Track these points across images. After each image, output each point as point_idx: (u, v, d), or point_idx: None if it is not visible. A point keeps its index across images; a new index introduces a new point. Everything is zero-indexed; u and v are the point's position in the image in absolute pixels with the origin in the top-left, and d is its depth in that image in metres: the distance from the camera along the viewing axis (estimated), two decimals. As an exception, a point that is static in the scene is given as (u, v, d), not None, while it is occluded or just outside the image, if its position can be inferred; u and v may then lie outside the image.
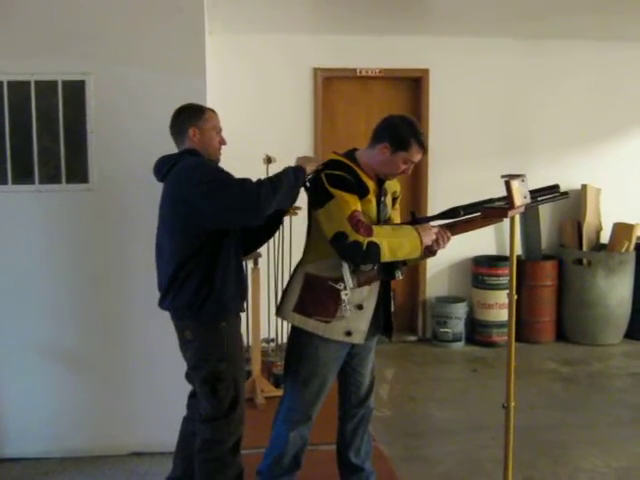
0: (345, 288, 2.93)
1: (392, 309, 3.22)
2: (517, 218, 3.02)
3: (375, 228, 2.86)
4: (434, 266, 6.54)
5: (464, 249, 6.44)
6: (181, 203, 2.90)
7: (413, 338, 6.62)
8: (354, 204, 2.88)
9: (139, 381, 3.99)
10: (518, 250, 6.32)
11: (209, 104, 3.87)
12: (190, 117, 3.07)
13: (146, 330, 3.91)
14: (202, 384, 3.04)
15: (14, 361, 3.96)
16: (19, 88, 3.81)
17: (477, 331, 6.47)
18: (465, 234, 3.07)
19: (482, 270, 6.39)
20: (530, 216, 6.45)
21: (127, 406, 4.03)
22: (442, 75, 6.34)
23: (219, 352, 3.02)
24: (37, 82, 3.81)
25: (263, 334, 5.36)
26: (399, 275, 3.05)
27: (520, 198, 2.86)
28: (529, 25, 5.93)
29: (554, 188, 3.13)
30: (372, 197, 3.01)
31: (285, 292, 3.14)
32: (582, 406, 4.96)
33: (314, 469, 3.70)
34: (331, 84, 6.30)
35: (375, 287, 3.07)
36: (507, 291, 3.03)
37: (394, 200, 3.25)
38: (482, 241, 6.48)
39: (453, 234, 3.02)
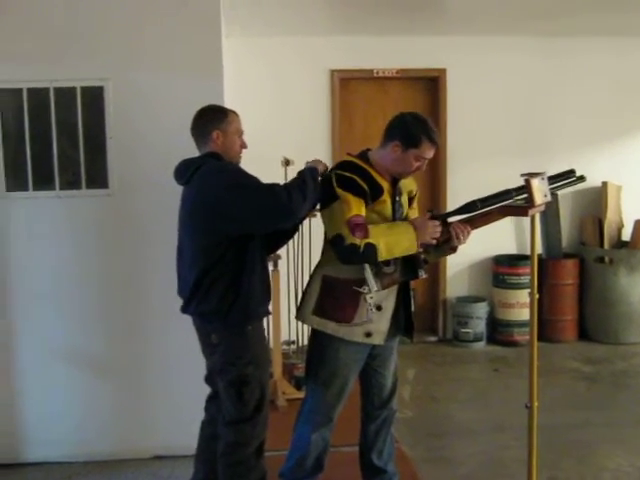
0: (370, 291, 2.91)
1: (412, 309, 3.21)
2: (537, 216, 3.00)
3: (371, 228, 2.86)
4: (454, 266, 6.51)
5: (484, 248, 6.41)
6: (207, 207, 2.87)
7: (434, 338, 6.59)
8: (357, 208, 2.87)
9: (161, 384, 4.01)
10: (539, 249, 6.27)
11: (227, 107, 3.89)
12: (213, 119, 3.06)
13: (167, 334, 3.92)
14: (228, 387, 3.03)
15: (37, 366, 3.99)
16: (38, 95, 3.84)
17: (498, 331, 6.43)
18: (485, 233, 3.05)
19: (503, 269, 6.36)
20: (550, 214, 6.40)
21: (149, 409, 4.05)
22: (459, 75, 6.31)
23: (246, 356, 3.01)
24: (56, 89, 3.84)
25: (284, 336, 5.36)
26: (422, 274, 3.02)
27: (540, 196, 2.84)
28: (546, 23, 5.88)
29: (570, 173, 3.08)
30: (387, 197, 3.00)
31: (304, 295, 3.14)
32: (606, 405, 4.92)
33: (336, 471, 3.69)
34: (348, 85, 6.29)
35: (394, 287, 3.06)
36: (528, 290, 3.01)
37: (411, 199, 3.23)
38: (502, 240, 6.46)
39: (473, 228, 3.00)
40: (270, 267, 4.85)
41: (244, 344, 3.00)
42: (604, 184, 6.46)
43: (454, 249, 3.05)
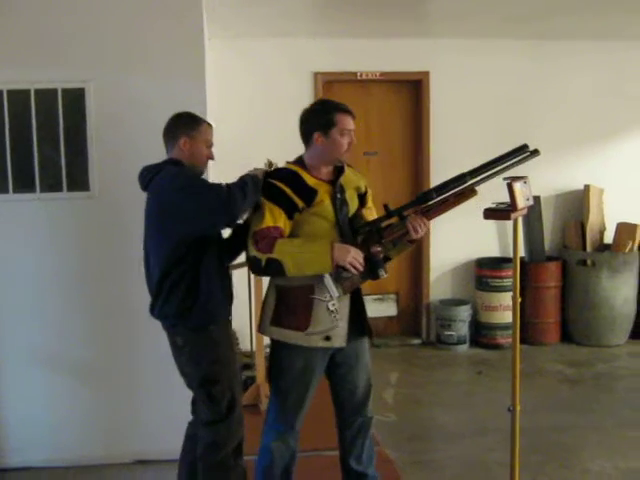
0: (332, 298, 2.90)
1: (365, 310, 3.15)
2: (520, 220, 3.00)
3: (278, 244, 2.83)
4: (437, 268, 6.53)
5: (467, 251, 6.45)
6: (162, 210, 2.96)
7: (417, 341, 6.58)
8: (271, 219, 2.88)
9: (142, 389, 3.98)
10: (521, 252, 6.29)
11: (209, 109, 3.88)
12: (184, 126, 3.10)
13: (149, 337, 3.87)
14: (197, 389, 3.09)
15: (17, 370, 3.96)
16: (19, 97, 3.81)
17: (481, 333, 6.44)
18: (468, 236, 3.05)
19: (485, 272, 6.36)
20: (533, 217, 6.42)
21: (131, 414, 4.02)
22: (442, 77, 6.32)
23: (210, 355, 3.04)
24: (37, 90, 3.81)
25: (267, 339, 5.33)
26: (383, 273, 2.93)
27: (523, 200, 2.84)
28: (530, 26, 5.91)
29: (523, 148, 2.92)
30: (324, 197, 2.97)
31: (262, 307, 3.12)
32: (588, 408, 4.93)
33: (320, 475, 3.69)
34: (332, 88, 6.29)
35: None
36: (511, 293, 3.01)
37: (363, 197, 3.17)
38: (485, 243, 6.47)
39: (430, 218, 2.95)
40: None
41: (208, 344, 3.04)
42: (586, 187, 6.49)
43: (412, 242, 3.01)
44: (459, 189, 2.91)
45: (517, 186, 2.81)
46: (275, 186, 2.93)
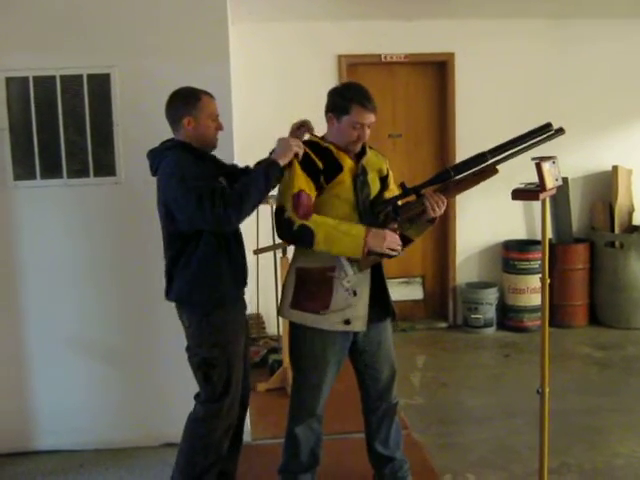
0: (345, 276, 2.89)
1: (389, 292, 3.13)
2: (547, 201, 2.96)
3: (316, 216, 2.82)
4: (464, 251, 6.50)
5: (494, 234, 6.40)
6: (166, 204, 2.96)
7: (444, 325, 6.57)
8: (304, 183, 2.85)
9: (171, 372, 3.99)
10: (549, 233, 6.24)
11: (234, 94, 3.87)
12: (184, 105, 3.02)
13: (177, 321, 3.90)
14: (196, 370, 3.09)
15: (48, 354, 4.00)
16: (45, 83, 3.82)
17: (508, 316, 6.41)
18: (495, 218, 3.01)
19: (512, 255, 6.32)
20: (560, 199, 6.36)
21: (160, 397, 4.05)
22: (468, 59, 6.27)
23: (211, 338, 3.04)
24: (62, 77, 3.82)
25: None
26: (400, 252, 2.91)
27: (552, 180, 2.81)
28: (557, 5, 5.83)
29: (547, 127, 2.90)
30: (346, 177, 2.95)
31: (282, 290, 3.11)
32: (617, 391, 4.90)
33: (347, 457, 3.70)
34: (356, 70, 6.25)
35: (367, 271, 2.98)
36: (538, 275, 2.98)
37: (384, 179, 3.14)
38: (512, 225, 6.42)
39: (448, 197, 2.92)
40: (279, 254, 4.85)
41: (210, 326, 3.03)
42: (614, 168, 6.41)
43: (432, 221, 2.98)
44: (478, 168, 2.87)
45: (546, 166, 2.77)
46: (308, 155, 2.92)
